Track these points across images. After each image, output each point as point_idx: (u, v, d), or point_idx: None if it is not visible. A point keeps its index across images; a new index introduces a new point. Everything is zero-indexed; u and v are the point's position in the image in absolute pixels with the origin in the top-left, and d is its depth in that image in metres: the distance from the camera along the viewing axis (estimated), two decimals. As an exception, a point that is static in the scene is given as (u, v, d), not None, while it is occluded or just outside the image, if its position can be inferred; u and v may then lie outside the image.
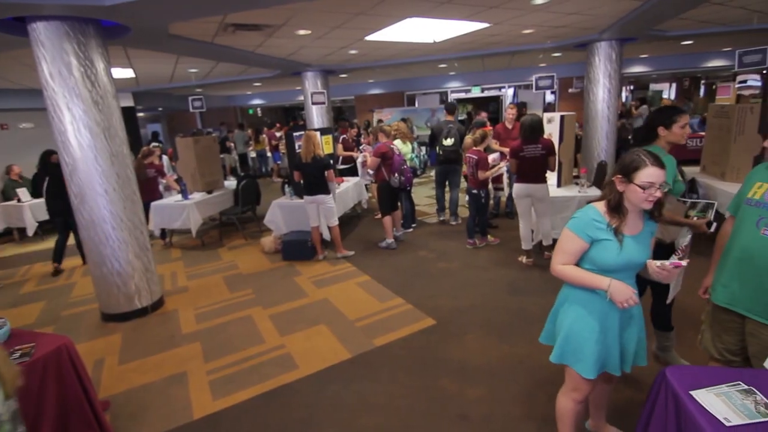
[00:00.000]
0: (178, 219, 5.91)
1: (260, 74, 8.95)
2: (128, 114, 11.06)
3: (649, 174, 1.56)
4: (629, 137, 9.77)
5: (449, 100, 13.38)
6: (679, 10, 4.97)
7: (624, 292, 1.63)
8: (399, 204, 5.79)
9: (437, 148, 6.02)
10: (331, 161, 6.58)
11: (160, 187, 6.68)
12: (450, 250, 5.26)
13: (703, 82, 16.59)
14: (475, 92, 12.99)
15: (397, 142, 6.23)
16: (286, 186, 5.82)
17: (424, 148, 11.71)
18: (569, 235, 1.71)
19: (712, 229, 2.22)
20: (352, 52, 6.66)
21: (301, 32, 4.99)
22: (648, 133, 2.40)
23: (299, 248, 5.27)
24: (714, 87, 15.97)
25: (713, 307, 1.94)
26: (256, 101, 16.30)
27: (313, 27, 4.78)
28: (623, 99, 14.56)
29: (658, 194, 1.59)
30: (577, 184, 5.10)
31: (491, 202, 6.46)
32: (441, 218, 6.50)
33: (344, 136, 7.65)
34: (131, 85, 9.72)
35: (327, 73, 8.67)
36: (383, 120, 12.34)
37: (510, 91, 13.84)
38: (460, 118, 11.26)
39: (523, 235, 4.56)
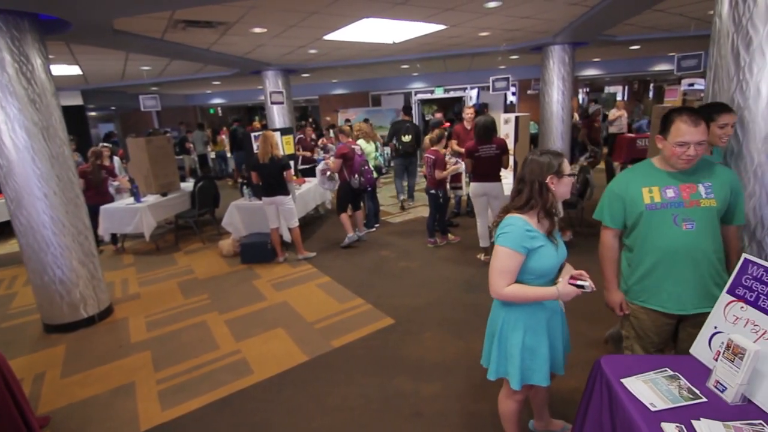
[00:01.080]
0: (130, 223, 5.65)
1: (218, 72, 8.71)
2: (77, 113, 10.50)
3: (566, 162, 1.72)
4: (576, 136, 10.17)
5: (410, 103, 13.54)
6: (624, 16, 5.22)
7: (569, 289, 1.65)
8: (362, 204, 5.80)
9: (396, 144, 6.81)
10: (291, 162, 6.56)
11: (111, 190, 6.37)
12: (411, 249, 5.30)
13: (652, 85, 17.54)
14: (439, 93, 13.15)
15: (361, 142, 6.25)
16: (245, 187, 5.69)
17: (388, 148, 11.82)
18: (507, 253, 1.66)
19: None
20: (312, 51, 6.59)
21: (257, 30, 4.89)
22: None
23: (258, 251, 5.16)
24: (662, 90, 16.91)
25: (649, 318, 1.94)
26: (217, 100, 15.86)
27: (268, 25, 4.69)
28: (580, 101, 15.18)
29: (572, 178, 1.76)
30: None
31: (452, 201, 6.57)
32: (401, 198, 7.49)
33: (301, 135, 7.57)
34: (79, 83, 9.23)
35: (288, 72, 8.54)
36: (350, 120, 12.30)
37: (474, 92, 14.11)
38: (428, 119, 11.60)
39: (481, 233, 4.65)
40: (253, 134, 5.64)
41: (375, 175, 5.99)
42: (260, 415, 2.53)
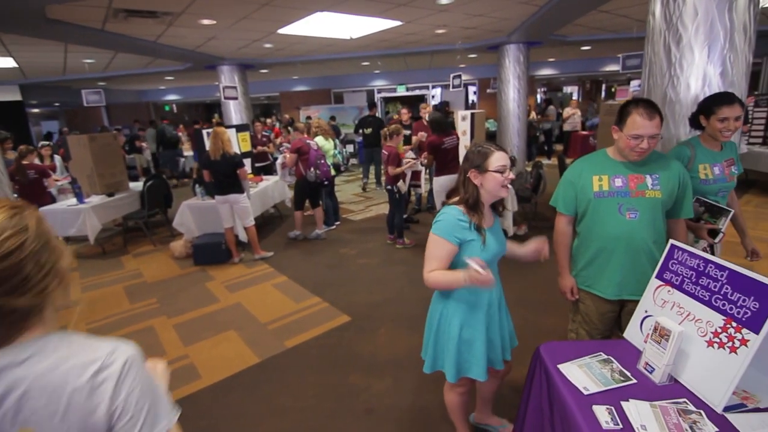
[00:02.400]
0: (73, 225, 5.30)
1: (170, 67, 8.36)
2: (14, 109, 9.79)
3: (498, 158, 1.63)
4: (537, 134, 10.51)
5: (374, 100, 13.53)
6: (572, 16, 5.40)
7: (481, 277, 1.50)
8: (320, 202, 5.73)
9: (361, 135, 7.96)
10: (248, 159, 6.38)
11: (53, 191, 5.96)
12: (371, 246, 5.27)
13: (604, 85, 18.36)
14: (401, 91, 13.22)
15: (319, 139, 6.16)
16: (197, 186, 5.47)
17: (351, 146, 11.75)
18: (437, 240, 1.64)
19: (717, 240, 2.10)
20: (267, 45, 6.43)
21: (206, 22, 4.70)
22: (693, 120, 2.17)
23: (212, 251, 4.98)
24: (613, 89, 17.73)
25: (593, 303, 2.00)
26: (172, 97, 15.24)
27: (217, 17, 4.52)
28: (538, 100, 15.67)
29: (512, 176, 1.68)
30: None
31: (413, 198, 6.60)
32: (363, 181, 8.45)
33: (252, 133, 7.40)
34: (16, 76, 8.61)
35: (245, 68, 8.32)
36: (311, 117, 12.14)
37: (437, 91, 14.28)
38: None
39: None
40: (204, 131, 5.42)
41: (333, 172, 5.92)
42: (206, 421, 2.42)
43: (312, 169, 5.18)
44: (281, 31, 5.37)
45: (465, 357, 1.75)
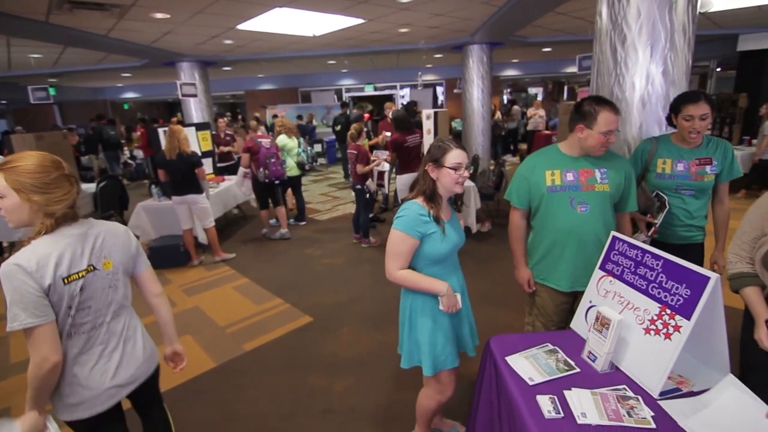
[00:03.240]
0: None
1: (126, 63, 8.01)
2: (-47, 107, 9.13)
3: (455, 155, 1.66)
4: (502, 133, 10.73)
5: (344, 99, 13.45)
6: (531, 17, 5.53)
7: (453, 299, 1.71)
8: (283, 200, 5.70)
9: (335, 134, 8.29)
10: (209, 158, 6.20)
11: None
12: (337, 246, 5.22)
13: (566, 87, 18.97)
14: (369, 90, 13.19)
15: (283, 137, 6.06)
16: (153, 186, 5.26)
17: (319, 145, 11.63)
18: (400, 236, 1.67)
19: (650, 233, 2.18)
20: (228, 42, 6.26)
21: (159, 15, 4.52)
22: (668, 119, 2.19)
23: (170, 254, 4.79)
24: (575, 90, 18.34)
25: (548, 295, 2.04)
26: (131, 95, 14.62)
27: (170, 10, 4.36)
28: (505, 101, 16.01)
29: (467, 174, 1.70)
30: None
31: (380, 197, 6.59)
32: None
33: (213, 132, 7.20)
34: (-46, 71, 8.03)
35: (205, 65, 8.08)
36: (278, 116, 11.93)
37: (406, 91, 14.35)
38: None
39: None
40: (161, 130, 5.22)
41: (298, 171, 5.84)
42: (157, 431, 2.31)
43: (261, 169, 5.11)
44: (240, 26, 5.23)
45: (439, 349, 1.77)
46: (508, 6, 4.78)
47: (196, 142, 6.27)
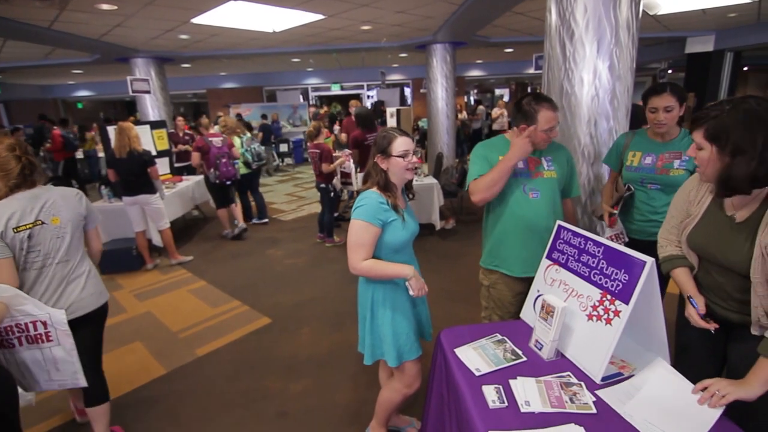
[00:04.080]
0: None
1: (75, 58, 7.60)
2: None
3: (401, 143, 1.68)
4: (469, 132, 10.89)
5: (311, 99, 13.30)
6: (490, 16, 5.60)
7: (421, 281, 1.70)
8: (238, 197, 5.74)
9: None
10: (165, 158, 5.96)
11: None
12: (300, 245, 5.12)
13: (529, 87, 19.48)
14: (335, 89, 13.08)
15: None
16: (103, 187, 5.00)
17: (285, 145, 11.43)
18: (362, 226, 1.64)
19: (603, 220, 2.23)
20: (183, 37, 6.04)
21: (105, 7, 4.29)
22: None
23: (122, 258, 4.56)
24: (538, 91, 18.80)
25: (504, 284, 2.02)
26: (84, 93, 13.91)
27: (117, 1, 4.14)
28: (472, 102, 16.26)
29: (416, 160, 1.72)
30: (415, 173, 5.39)
31: (345, 196, 6.52)
32: None
33: (171, 130, 6.96)
34: None
35: (162, 61, 7.77)
36: (242, 115, 11.63)
37: (374, 91, 14.33)
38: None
39: None
40: (110, 128, 4.96)
41: (246, 170, 5.71)
42: (97, 444, 2.17)
43: (212, 169, 5.01)
44: (195, 20, 5.04)
45: (402, 339, 1.77)
46: (467, 4, 4.82)
47: (151, 140, 6.04)
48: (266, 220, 6.13)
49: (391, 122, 5.98)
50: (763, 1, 5.84)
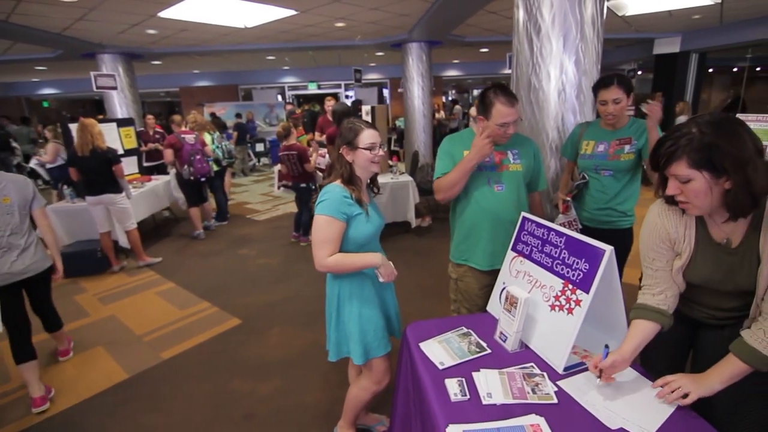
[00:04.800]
0: None
1: (36, 54, 7.28)
2: None
3: (368, 135, 1.64)
4: (447, 131, 10.95)
5: (288, 98, 13.13)
6: (463, 14, 5.61)
7: (390, 267, 1.68)
8: (208, 195, 5.65)
9: None
10: (133, 157, 5.77)
11: None
12: (274, 245, 5.03)
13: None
14: (312, 88, 12.95)
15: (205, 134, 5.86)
16: (65, 187, 4.79)
17: (261, 144, 11.26)
18: (326, 221, 1.59)
19: (558, 207, 2.31)
20: (151, 32, 5.85)
21: (64, -2, 4.11)
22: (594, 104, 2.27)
23: (86, 260, 4.37)
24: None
25: (472, 277, 2.01)
26: (50, 90, 13.36)
27: (77, -8, 3.98)
28: (448, 101, 16.36)
29: (382, 153, 1.68)
30: (391, 171, 5.38)
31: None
32: None
33: (141, 128, 6.75)
34: None
35: (130, 57, 7.53)
36: (216, 114, 11.39)
37: (351, 92, 14.24)
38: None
39: None
40: (72, 125, 4.76)
41: (216, 168, 5.62)
42: (52, 454, 2.06)
43: (186, 166, 4.90)
44: (162, 14, 4.89)
45: (370, 335, 1.72)
46: (440, 2, 4.83)
47: (118, 139, 5.83)
48: (226, 222, 6.09)
49: (367, 120, 5.94)
50: (725, 3, 6.06)
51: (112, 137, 5.72)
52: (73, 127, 4.80)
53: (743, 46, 8.49)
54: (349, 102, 13.91)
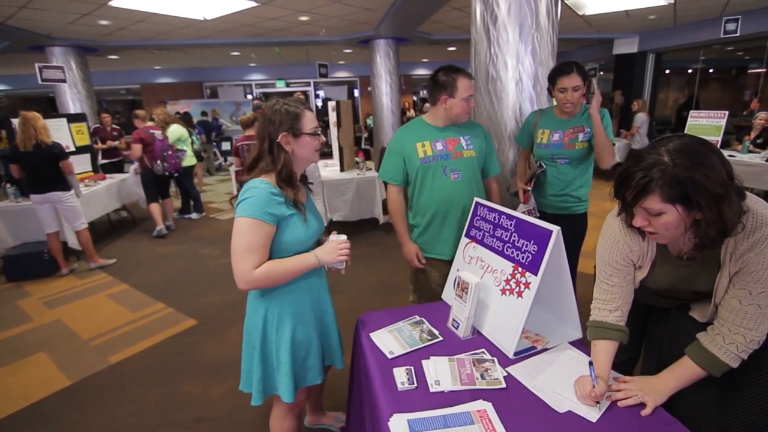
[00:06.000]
0: None
1: (-22, 46, 6.81)
2: None
3: (312, 118, 1.40)
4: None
5: (255, 95, 12.84)
6: (428, 9, 5.60)
7: (333, 247, 1.40)
8: (170, 191, 5.53)
9: None
10: (87, 155, 5.50)
11: None
12: (237, 244, 4.87)
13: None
14: (281, 86, 12.72)
15: (178, 127, 5.67)
16: (8, 185, 4.49)
17: (228, 143, 10.97)
18: (249, 224, 1.27)
19: (518, 196, 2.31)
20: (104, 23, 5.57)
21: (2, -17, 3.85)
22: (549, 92, 2.22)
23: (32, 263, 4.10)
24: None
25: (434, 269, 1.98)
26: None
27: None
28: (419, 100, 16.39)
29: (324, 139, 1.50)
30: (357, 167, 5.31)
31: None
32: None
33: (97, 125, 6.44)
34: None
35: (84, 51, 7.16)
36: (180, 113, 11.01)
37: (321, 92, 14.08)
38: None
39: None
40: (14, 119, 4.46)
41: (195, 161, 5.53)
42: (-22, 470, 1.89)
43: (158, 161, 4.71)
44: (114, 3, 4.65)
45: (301, 364, 1.45)
46: (403, -5, 4.81)
47: (69, 135, 5.53)
48: (204, 212, 6.09)
49: (332, 117, 5.85)
50: (677, 4, 6.31)
51: (62, 134, 5.43)
52: (16, 122, 4.52)
53: (696, 47, 8.90)
54: (320, 100, 13.79)
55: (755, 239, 1.01)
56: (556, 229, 1.28)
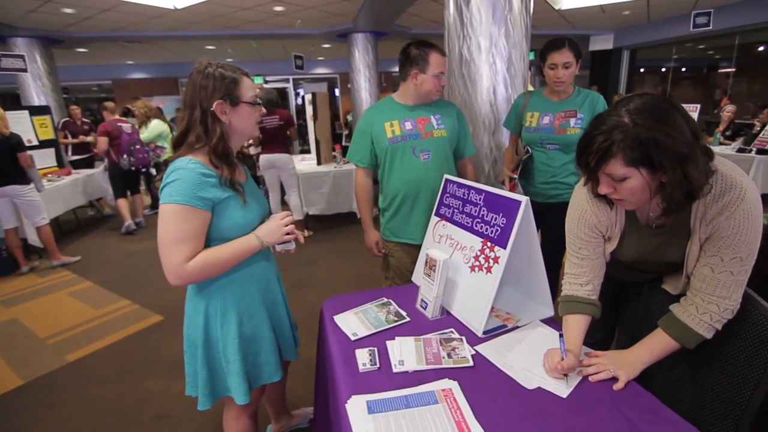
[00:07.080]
0: None
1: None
2: None
3: (250, 85, 1.22)
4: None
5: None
6: (404, 1, 5.54)
7: (275, 224, 1.26)
8: (140, 188, 5.33)
9: None
10: (51, 149, 5.27)
11: None
12: (210, 239, 4.72)
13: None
14: (258, 82, 12.48)
15: (159, 123, 5.53)
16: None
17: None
18: (177, 211, 1.10)
19: (505, 184, 2.18)
20: (68, 11, 5.33)
21: (-49, -37, 3.62)
22: (540, 71, 2.08)
23: (-13, 261, 3.88)
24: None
25: (405, 252, 1.91)
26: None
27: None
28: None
29: (264, 111, 1.34)
30: (335, 160, 5.21)
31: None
32: None
33: (67, 119, 6.18)
34: None
35: (49, 43, 6.86)
36: (155, 107, 10.70)
37: (301, 90, 13.87)
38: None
39: (273, 207, 4.40)
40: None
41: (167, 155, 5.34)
42: None
43: (125, 156, 4.54)
44: (77, -10, 4.46)
45: (253, 361, 1.31)
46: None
47: (32, 128, 5.29)
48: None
49: (309, 110, 5.74)
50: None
51: (25, 127, 5.18)
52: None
53: (669, 44, 9.08)
54: (301, 99, 13.59)
55: (724, 202, 0.96)
56: (524, 199, 1.22)
